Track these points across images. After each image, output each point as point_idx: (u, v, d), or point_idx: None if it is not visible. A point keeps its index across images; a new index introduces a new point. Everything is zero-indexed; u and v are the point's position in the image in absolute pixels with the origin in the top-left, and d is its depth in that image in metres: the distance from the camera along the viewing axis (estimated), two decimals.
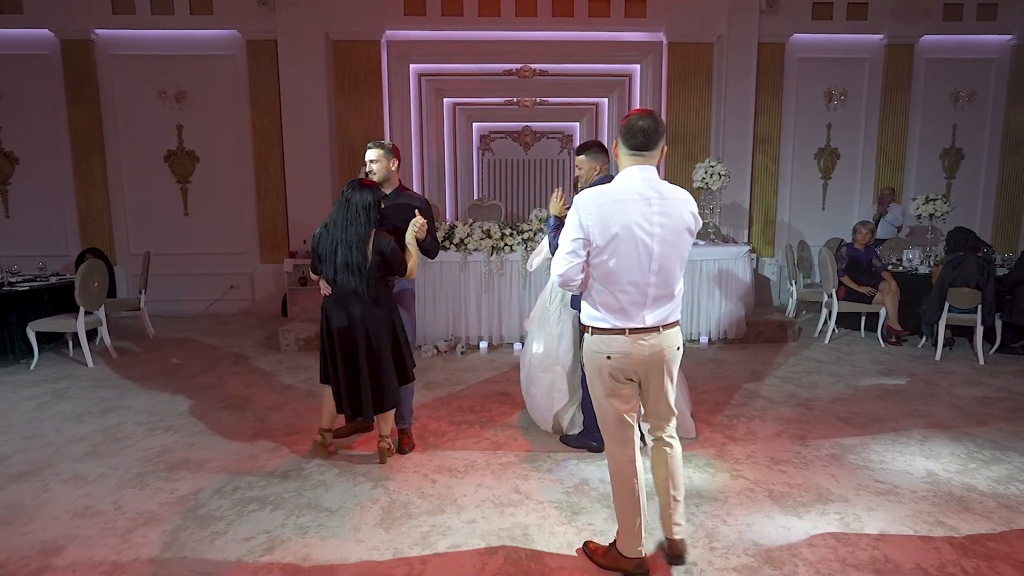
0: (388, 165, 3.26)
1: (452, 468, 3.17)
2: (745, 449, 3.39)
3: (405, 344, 3.19)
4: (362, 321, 3.01)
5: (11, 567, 2.33)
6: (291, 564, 2.33)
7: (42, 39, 7.17)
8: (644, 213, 2.00)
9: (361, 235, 2.94)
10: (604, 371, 2.11)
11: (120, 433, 3.67)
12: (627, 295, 2.04)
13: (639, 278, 2.03)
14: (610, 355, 2.09)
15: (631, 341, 2.07)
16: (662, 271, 2.05)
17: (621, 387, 2.14)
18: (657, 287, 2.06)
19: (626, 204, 2.01)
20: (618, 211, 2.00)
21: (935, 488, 2.94)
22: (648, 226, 2.00)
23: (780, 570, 2.28)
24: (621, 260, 2.01)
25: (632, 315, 2.06)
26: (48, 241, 7.45)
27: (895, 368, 5.04)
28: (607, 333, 2.09)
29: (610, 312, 2.07)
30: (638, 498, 2.18)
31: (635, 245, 2.00)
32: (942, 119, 7.90)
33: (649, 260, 2.02)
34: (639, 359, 2.09)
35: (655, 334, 2.09)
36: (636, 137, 2.05)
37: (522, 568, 2.30)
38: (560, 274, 2.06)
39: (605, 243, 2.00)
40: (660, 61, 7.63)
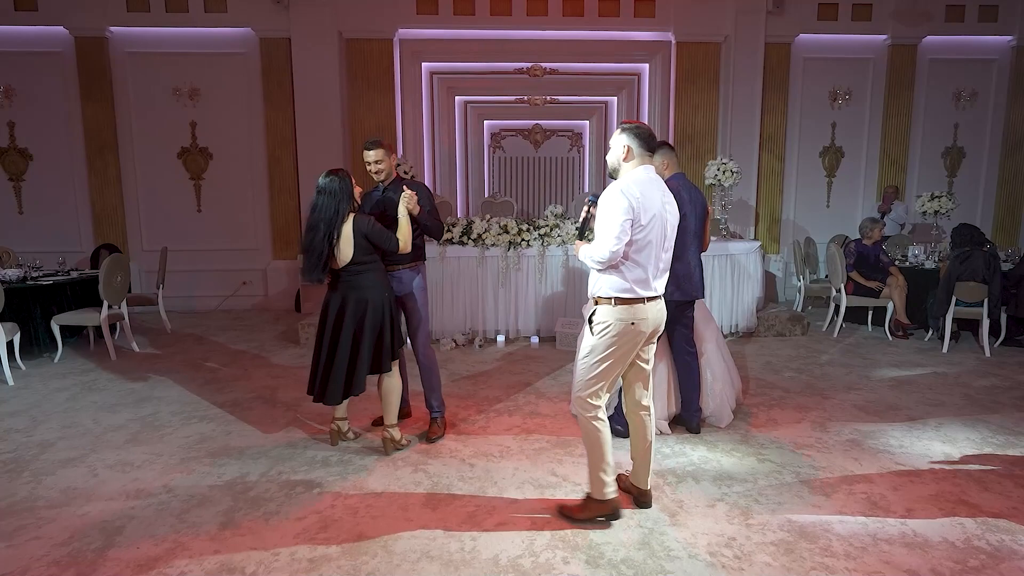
0: (390, 161, 3.34)
1: (488, 453, 3.27)
2: (768, 435, 3.51)
3: (388, 334, 3.13)
4: (350, 306, 3.07)
5: (76, 544, 2.41)
6: (346, 540, 2.42)
7: (57, 36, 7.22)
8: (663, 202, 2.43)
9: (328, 219, 2.97)
10: (627, 336, 2.42)
11: (157, 422, 3.75)
12: (651, 269, 2.41)
13: (658, 254, 2.43)
14: (634, 321, 2.41)
15: (649, 307, 2.44)
16: (669, 250, 2.50)
17: (628, 353, 2.47)
18: (665, 262, 2.49)
19: (654, 194, 2.41)
20: (652, 200, 2.38)
21: (954, 470, 3.06)
22: (666, 213, 2.43)
23: (815, 544, 2.40)
24: (652, 238, 2.38)
25: (650, 284, 2.43)
26: (62, 237, 7.49)
27: (904, 360, 5.17)
28: (633, 303, 2.40)
29: (635, 283, 2.40)
30: (609, 448, 2.52)
31: (662, 226, 2.41)
32: (944, 118, 8.06)
33: (664, 239, 2.44)
34: (654, 322, 2.47)
35: (659, 301, 2.51)
36: (651, 140, 2.47)
37: (569, 543, 2.40)
38: (613, 250, 2.33)
39: (648, 222, 2.36)
40: (668, 60, 7.75)
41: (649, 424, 2.65)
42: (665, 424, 3.51)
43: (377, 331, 3.12)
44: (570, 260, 5.78)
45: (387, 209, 3.29)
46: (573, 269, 5.80)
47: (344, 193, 3.04)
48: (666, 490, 2.85)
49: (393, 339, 3.18)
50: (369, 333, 3.10)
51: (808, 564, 2.27)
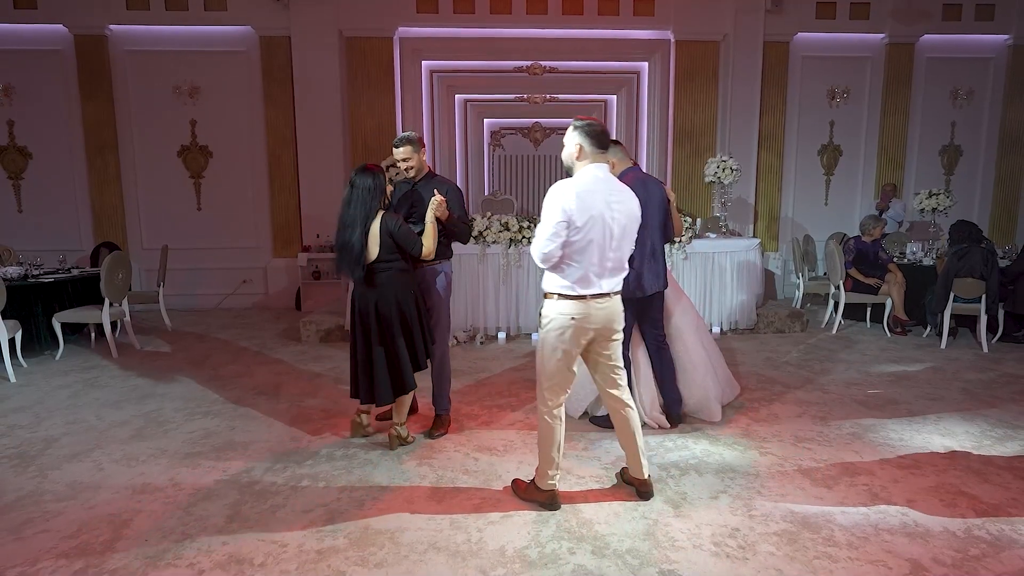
0: (420, 158, 3.30)
1: (491, 447, 3.29)
2: (769, 429, 3.54)
3: (419, 332, 3.15)
4: (376, 306, 3.06)
5: (85, 536, 2.42)
6: (353, 532, 2.44)
7: (56, 34, 7.21)
8: (608, 202, 2.43)
9: (363, 215, 2.97)
10: (567, 331, 2.48)
11: (161, 418, 3.76)
12: (592, 267, 2.44)
13: (602, 254, 2.44)
14: (574, 317, 2.46)
15: (591, 305, 2.46)
16: (619, 249, 2.49)
17: (577, 348, 2.52)
18: (613, 261, 2.48)
19: (595, 194, 2.42)
20: (590, 200, 2.41)
21: (953, 462, 3.09)
22: (611, 212, 2.43)
23: (818, 534, 2.42)
24: (592, 238, 2.41)
25: (593, 283, 2.45)
26: (61, 236, 7.49)
27: (903, 356, 5.21)
28: (571, 299, 2.46)
29: (574, 281, 2.45)
30: (557, 444, 2.60)
31: (603, 227, 2.42)
32: (941, 117, 8.11)
33: (611, 239, 2.44)
34: (597, 320, 2.49)
35: (608, 299, 2.51)
36: (602, 137, 2.49)
37: (575, 534, 2.43)
38: (545, 252, 2.42)
39: (583, 223, 2.39)
40: (668, 59, 7.78)
41: (630, 417, 2.66)
42: (663, 418, 3.53)
43: (411, 327, 3.12)
44: None
45: (415, 205, 3.29)
46: None
47: (378, 190, 3.03)
48: (669, 483, 2.87)
49: (425, 336, 3.19)
50: (403, 331, 3.10)
51: (811, 554, 2.29)
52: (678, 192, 7.78)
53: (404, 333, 3.10)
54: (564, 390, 2.57)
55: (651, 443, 3.32)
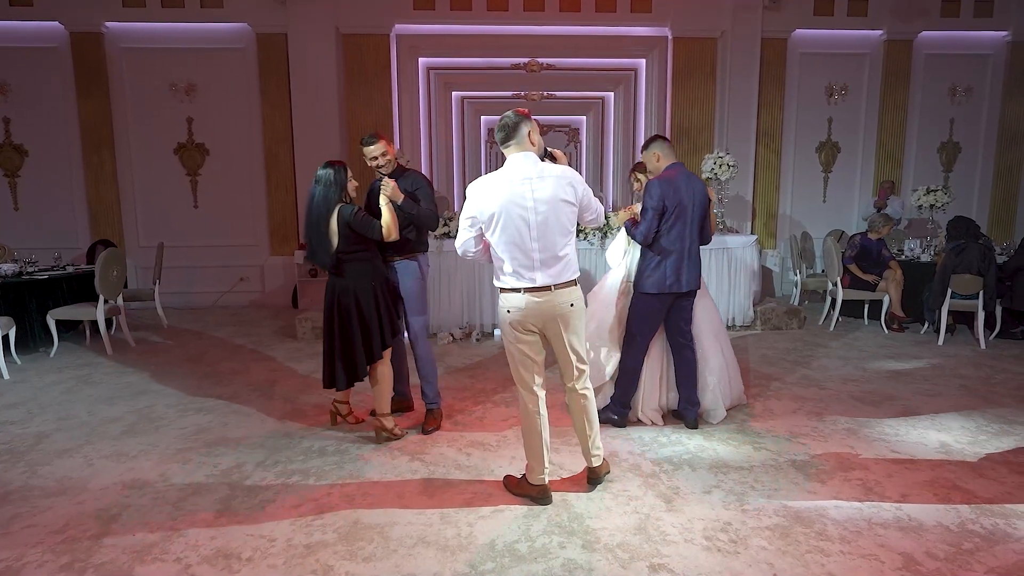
0: (391, 155, 3.31)
1: (484, 443, 3.27)
2: (764, 424, 3.52)
3: (379, 321, 3.15)
4: (339, 296, 3.15)
5: (72, 531, 2.40)
6: (343, 527, 2.42)
7: (52, 32, 7.20)
8: (520, 192, 2.39)
9: (325, 209, 3.06)
10: (506, 324, 2.51)
11: (153, 414, 3.75)
12: (516, 260, 2.43)
13: (522, 247, 2.41)
14: (509, 309, 2.49)
15: (525, 298, 2.45)
16: (542, 239, 2.41)
17: (522, 337, 2.51)
18: (541, 252, 2.42)
19: (503, 186, 2.41)
20: (496, 193, 2.40)
21: (949, 458, 3.07)
22: (524, 202, 2.38)
23: (811, 528, 2.40)
24: (504, 233, 2.41)
25: (524, 276, 2.44)
26: (58, 233, 7.48)
27: (900, 352, 5.19)
28: (507, 292, 2.49)
29: (507, 275, 2.47)
30: (540, 436, 2.57)
31: (514, 220, 2.39)
32: (940, 113, 8.09)
33: (528, 230, 2.39)
34: (533, 313, 2.47)
35: (547, 292, 2.46)
36: (499, 133, 2.48)
37: (565, 528, 2.41)
38: (458, 246, 2.56)
39: (487, 220, 2.43)
40: (665, 56, 7.76)
41: (583, 404, 2.65)
42: (657, 415, 3.51)
43: (366, 318, 3.15)
44: None
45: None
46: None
47: (337, 184, 3.11)
48: (662, 477, 2.85)
49: (383, 328, 3.19)
50: (359, 320, 3.14)
51: (803, 547, 2.27)
52: None
53: (360, 323, 3.14)
54: (531, 381, 2.55)
55: (645, 439, 3.31)
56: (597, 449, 2.73)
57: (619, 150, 7.91)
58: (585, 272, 5.92)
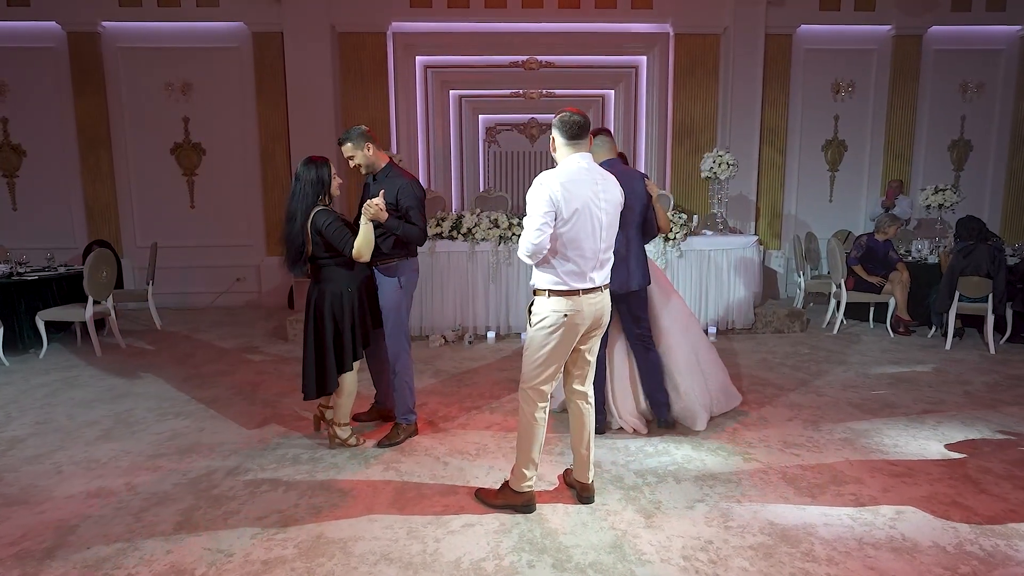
0: (365, 152, 3.13)
1: (463, 451, 3.16)
2: (757, 434, 3.38)
3: (352, 330, 3.02)
4: (317, 300, 3.02)
5: (26, 544, 2.33)
6: (304, 541, 2.33)
7: (49, 31, 7.19)
8: (594, 191, 2.36)
9: (303, 209, 2.93)
10: (561, 328, 2.38)
11: (131, 418, 3.68)
12: (583, 259, 2.36)
13: (593, 245, 2.36)
14: (567, 313, 2.37)
15: (584, 299, 2.39)
16: (607, 239, 2.42)
17: (566, 345, 2.42)
18: (604, 252, 2.42)
19: (582, 184, 2.34)
20: (578, 188, 2.33)
21: (950, 471, 2.92)
22: (598, 201, 2.36)
23: (797, 548, 2.27)
24: (580, 230, 2.32)
25: (586, 277, 2.38)
26: (55, 233, 7.47)
27: (905, 357, 5.01)
28: (563, 295, 2.37)
29: (568, 275, 2.36)
30: (539, 443, 2.50)
31: (590, 218, 2.34)
32: (950, 110, 7.86)
33: (600, 229, 2.37)
34: (589, 315, 2.41)
35: (599, 293, 2.44)
36: (574, 128, 2.39)
37: (537, 546, 2.30)
38: (535, 243, 2.30)
39: (570, 215, 2.31)
40: (667, 53, 7.61)
41: (588, 413, 2.59)
42: (638, 422, 3.38)
43: (340, 327, 3.03)
44: None
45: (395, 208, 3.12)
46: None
47: (319, 182, 2.98)
48: (644, 490, 2.73)
49: (355, 338, 3.07)
50: (331, 328, 3.02)
51: (787, 569, 2.14)
52: (677, 189, 7.62)
53: (333, 332, 3.02)
54: (550, 387, 2.48)
55: (631, 448, 3.18)
56: (592, 464, 2.63)
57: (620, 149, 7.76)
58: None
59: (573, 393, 2.60)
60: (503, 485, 2.59)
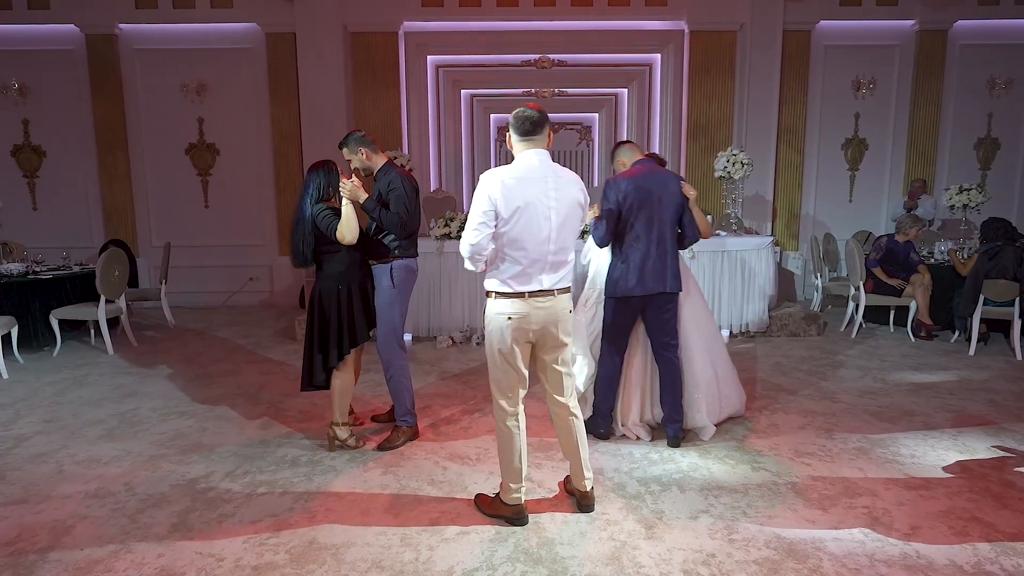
0: (361, 156, 3.16)
1: (464, 456, 3.11)
2: (767, 442, 3.27)
3: (338, 326, 3.02)
4: (316, 294, 3.07)
5: (21, 544, 2.33)
6: (297, 547, 2.29)
7: (68, 34, 7.30)
8: (543, 189, 2.26)
9: (303, 207, 3.03)
10: (505, 332, 2.31)
11: (135, 418, 3.69)
12: (529, 260, 2.27)
13: (540, 246, 2.26)
14: (510, 316, 2.30)
15: (530, 303, 2.30)
16: (559, 240, 2.30)
17: (519, 348, 2.34)
18: (555, 254, 2.30)
19: (529, 182, 2.26)
20: (521, 186, 2.24)
21: (970, 484, 2.79)
22: (547, 200, 2.26)
23: (804, 564, 2.17)
24: (524, 230, 2.24)
25: (532, 279, 2.29)
26: (74, 233, 7.58)
27: (926, 363, 4.84)
28: (507, 297, 2.30)
29: (513, 277, 2.28)
30: (519, 453, 2.41)
31: (536, 217, 2.24)
32: (977, 107, 7.61)
33: (550, 230, 2.26)
34: (536, 320, 2.32)
35: (550, 297, 2.33)
36: (525, 124, 2.30)
37: (532, 556, 2.23)
38: (471, 243, 2.25)
39: (510, 215, 2.22)
40: (681, 50, 7.48)
41: (572, 425, 2.50)
42: (641, 429, 3.28)
43: (327, 322, 3.04)
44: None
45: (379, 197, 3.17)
46: (575, 265, 5.61)
47: (317, 182, 3.04)
48: (647, 499, 2.65)
49: (341, 333, 3.05)
50: (319, 326, 3.04)
51: None
52: None
53: (320, 328, 3.05)
54: (516, 394, 2.40)
55: (635, 455, 3.10)
56: (589, 472, 2.55)
57: None
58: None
59: (552, 404, 2.52)
60: (496, 494, 2.53)
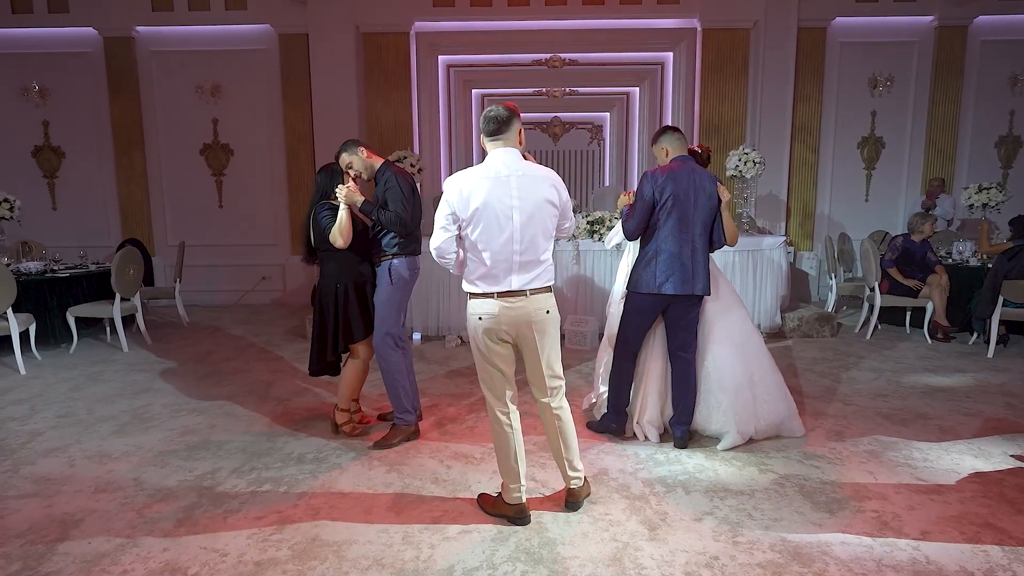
0: (362, 155, 3.15)
1: (468, 455, 3.11)
2: (775, 444, 3.23)
3: (332, 326, 3.12)
4: (318, 291, 3.22)
5: (31, 536, 2.37)
6: (299, 543, 2.30)
7: (87, 37, 7.43)
8: (505, 188, 2.24)
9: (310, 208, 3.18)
10: (478, 332, 2.34)
11: (147, 414, 3.74)
12: (495, 261, 2.26)
13: (504, 246, 2.25)
14: (481, 316, 2.32)
15: (499, 303, 2.29)
16: (525, 239, 2.27)
17: (495, 347, 2.36)
18: (522, 254, 2.28)
19: (486, 180, 2.25)
20: (479, 187, 2.24)
21: (984, 489, 2.72)
22: (508, 200, 2.23)
23: (809, 568, 2.14)
24: (484, 231, 2.24)
25: (500, 280, 2.28)
26: (92, 232, 7.72)
27: (942, 365, 4.75)
28: (479, 297, 2.32)
29: (481, 278, 2.30)
30: (515, 453, 2.41)
31: (497, 218, 2.23)
32: (998, 105, 7.45)
33: (514, 230, 2.24)
34: (507, 320, 2.31)
35: (522, 298, 2.31)
36: (490, 124, 2.34)
37: (533, 556, 2.22)
38: (435, 247, 2.32)
39: (469, 217, 2.24)
40: (694, 48, 7.42)
41: (557, 424, 2.49)
42: (652, 429, 3.24)
43: (324, 319, 3.14)
44: (581, 256, 5.57)
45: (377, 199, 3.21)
46: (584, 265, 5.59)
47: (321, 183, 3.18)
48: (651, 500, 2.62)
49: (337, 330, 3.14)
50: (320, 320, 3.15)
51: None
52: None
53: (320, 322, 3.16)
54: (503, 394, 2.42)
55: (641, 455, 3.08)
56: (576, 471, 2.54)
57: (644, 147, 7.60)
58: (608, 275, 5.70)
59: (542, 407, 2.50)
60: (498, 494, 2.53)
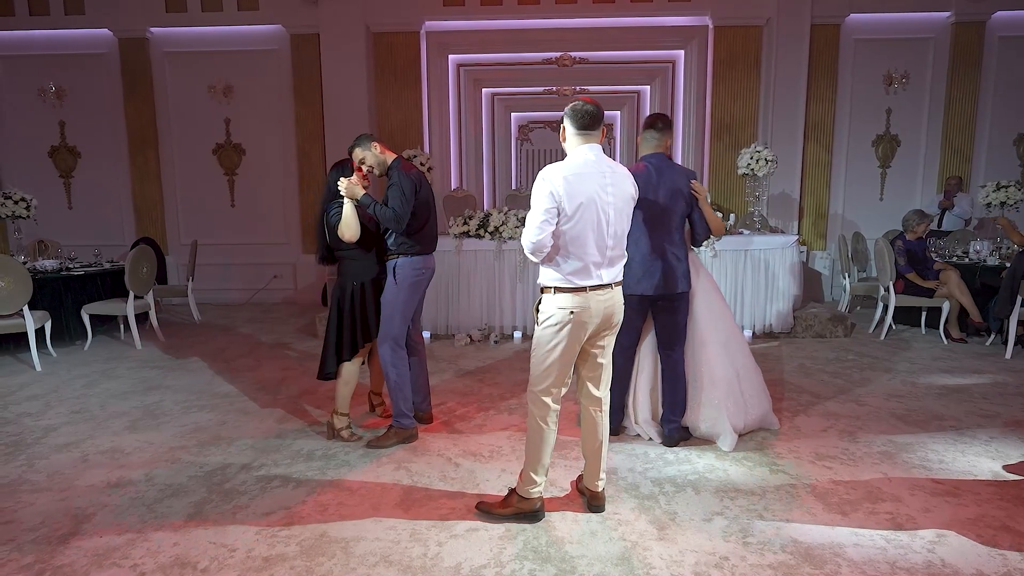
0: (376, 151, 3.14)
1: (477, 453, 3.10)
2: (787, 444, 3.19)
3: (348, 325, 3.11)
4: (332, 292, 3.25)
5: (45, 530, 2.39)
6: (307, 540, 2.31)
7: (102, 38, 7.53)
8: (601, 185, 2.26)
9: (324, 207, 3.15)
10: (563, 327, 2.29)
11: (159, 410, 3.78)
12: (590, 256, 2.27)
13: (599, 241, 2.27)
14: (573, 311, 2.28)
15: (591, 297, 2.29)
16: (616, 235, 2.31)
17: (574, 344, 2.33)
18: (612, 249, 2.31)
19: (588, 177, 2.25)
20: (583, 181, 2.23)
21: (1001, 491, 2.67)
22: (605, 196, 2.26)
23: (821, 569, 2.11)
24: (585, 226, 2.24)
25: (592, 274, 2.28)
26: (106, 231, 7.81)
27: (958, 366, 4.67)
28: (568, 292, 2.29)
29: (571, 273, 2.28)
30: (549, 449, 2.41)
31: (596, 213, 2.24)
32: (1017, 101, 7.32)
33: (607, 225, 2.27)
34: (597, 313, 2.31)
35: (609, 290, 2.34)
36: (584, 118, 2.29)
37: (541, 554, 2.21)
38: (534, 241, 2.23)
39: (573, 211, 2.22)
40: (706, 46, 7.36)
41: (600, 421, 2.49)
42: (652, 429, 3.22)
43: (340, 318, 3.13)
44: None
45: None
46: None
47: (332, 183, 3.15)
48: (660, 500, 2.60)
49: (355, 330, 3.13)
50: (335, 318, 3.14)
51: None
52: (715, 188, 7.35)
53: (337, 322, 3.15)
54: (559, 391, 2.40)
55: (650, 455, 3.05)
56: (603, 473, 2.53)
57: None
58: None
59: (586, 399, 2.50)
60: (509, 493, 2.49)
